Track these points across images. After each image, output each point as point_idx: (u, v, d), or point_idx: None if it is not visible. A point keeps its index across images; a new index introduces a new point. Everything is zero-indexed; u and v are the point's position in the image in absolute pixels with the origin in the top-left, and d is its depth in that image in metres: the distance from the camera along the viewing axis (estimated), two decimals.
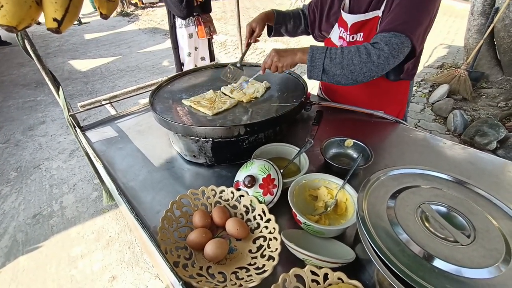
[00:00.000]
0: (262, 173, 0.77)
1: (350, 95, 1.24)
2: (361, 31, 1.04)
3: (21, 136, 3.20)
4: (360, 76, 0.88)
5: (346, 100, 1.26)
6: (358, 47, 0.87)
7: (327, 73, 0.89)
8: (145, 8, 10.43)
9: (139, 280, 1.69)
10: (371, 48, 0.86)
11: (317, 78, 0.92)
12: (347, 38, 1.08)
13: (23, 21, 0.64)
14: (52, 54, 5.95)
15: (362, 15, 1.00)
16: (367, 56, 0.85)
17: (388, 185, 0.61)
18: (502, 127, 2.43)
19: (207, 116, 0.99)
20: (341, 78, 0.89)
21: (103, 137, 1.21)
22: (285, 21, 1.27)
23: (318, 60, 0.89)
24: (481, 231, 0.49)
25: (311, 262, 0.57)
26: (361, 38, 1.05)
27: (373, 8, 0.98)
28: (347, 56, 0.87)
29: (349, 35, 1.07)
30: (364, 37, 1.04)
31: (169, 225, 0.70)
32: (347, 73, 0.88)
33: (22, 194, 2.38)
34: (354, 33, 1.05)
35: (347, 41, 1.09)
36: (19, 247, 1.93)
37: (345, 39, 1.09)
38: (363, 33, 1.03)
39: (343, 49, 0.88)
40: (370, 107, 1.20)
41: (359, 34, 1.05)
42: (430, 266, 0.45)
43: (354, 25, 1.04)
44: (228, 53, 5.33)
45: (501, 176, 0.87)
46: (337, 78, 0.90)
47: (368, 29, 1.02)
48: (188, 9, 2.34)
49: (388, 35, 0.85)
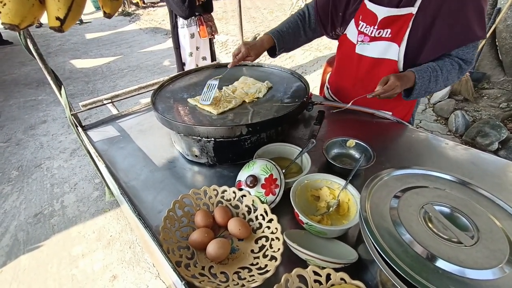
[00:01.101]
0: (264, 173, 0.77)
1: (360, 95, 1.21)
2: (390, 27, 0.98)
3: (23, 135, 3.20)
4: (449, 86, 1.01)
5: (356, 101, 1.22)
6: (453, 64, 0.97)
7: (429, 92, 1.02)
8: (146, 7, 10.44)
9: (140, 279, 1.69)
10: (464, 66, 0.98)
11: (420, 97, 1.05)
12: (373, 33, 1.02)
13: (26, 19, 0.64)
14: (53, 54, 5.96)
15: (396, 9, 0.94)
16: (460, 72, 0.99)
17: (391, 186, 0.60)
18: (503, 128, 2.43)
19: (212, 115, 0.99)
20: (436, 91, 1.03)
21: (104, 137, 1.21)
22: (285, 42, 1.21)
23: (425, 86, 0.98)
24: (484, 232, 0.49)
25: (314, 263, 0.57)
26: (388, 35, 0.99)
27: (406, 4, 0.93)
28: (445, 74, 0.97)
29: (375, 30, 1.00)
30: (392, 33, 0.98)
31: (171, 224, 0.70)
32: (442, 86, 1.01)
33: (23, 193, 2.38)
34: (382, 28, 0.99)
35: (370, 36, 1.03)
36: (20, 246, 1.93)
37: (368, 34, 1.03)
38: (391, 29, 0.98)
39: (442, 68, 0.97)
40: (380, 107, 1.19)
41: (387, 30, 0.99)
42: (433, 267, 0.45)
43: (384, 20, 0.97)
44: (229, 53, 5.33)
45: (503, 176, 0.87)
46: (433, 92, 1.04)
47: (398, 26, 0.96)
48: (190, 9, 2.34)
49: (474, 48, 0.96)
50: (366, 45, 1.06)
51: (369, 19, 1.01)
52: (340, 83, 1.31)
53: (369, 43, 1.05)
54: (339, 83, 1.31)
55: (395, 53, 1.01)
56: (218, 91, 1.12)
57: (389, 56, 1.03)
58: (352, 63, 1.15)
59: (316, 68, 4.41)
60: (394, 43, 0.99)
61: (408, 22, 0.94)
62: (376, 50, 1.04)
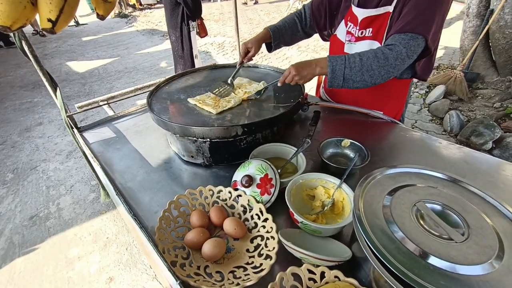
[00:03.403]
0: (259, 173, 0.77)
1: (351, 94, 1.24)
2: (371, 26, 1.03)
3: (18, 137, 3.18)
4: (378, 79, 0.92)
5: (346, 100, 1.26)
6: (376, 51, 0.90)
7: (347, 81, 0.92)
8: (143, 9, 10.43)
9: (137, 281, 1.68)
10: (388, 52, 0.89)
11: (337, 87, 0.94)
12: (356, 33, 1.07)
13: (18, 21, 0.64)
14: (49, 56, 5.93)
15: (374, 10, 1.00)
16: (385, 60, 0.88)
17: (384, 184, 0.61)
18: (497, 127, 2.45)
19: (211, 115, 0.99)
20: (361, 83, 0.92)
21: (100, 138, 1.20)
22: (282, 35, 1.27)
23: (339, 71, 0.91)
24: (475, 229, 0.50)
25: (308, 261, 0.58)
26: (370, 34, 1.04)
27: (384, 4, 0.98)
28: (366, 62, 0.89)
29: (358, 30, 1.06)
30: (373, 32, 1.03)
31: (167, 225, 0.70)
32: (367, 78, 0.91)
33: (19, 195, 2.36)
34: (364, 28, 1.05)
35: (355, 36, 1.08)
36: (15, 249, 1.91)
37: (354, 34, 1.08)
38: (372, 28, 1.03)
39: (361, 55, 0.91)
40: (370, 106, 1.20)
41: (368, 29, 1.04)
42: (425, 263, 0.45)
43: (364, 20, 1.03)
44: (226, 54, 5.34)
45: (496, 175, 0.88)
46: (357, 85, 0.93)
47: (377, 25, 1.01)
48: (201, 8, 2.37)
49: (406, 37, 0.88)
50: (353, 45, 1.10)
51: (354, 20, 1.07)
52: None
53: (355, 43, 1.09)
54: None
55: None
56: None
57: None
58: None
59: None
60: (376, 41, 1.03)
61: (386, 20, 0.98)
62: (361, 49, 1.05)
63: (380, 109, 1.21)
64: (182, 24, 2.49)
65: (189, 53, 2.64)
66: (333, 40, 1.22)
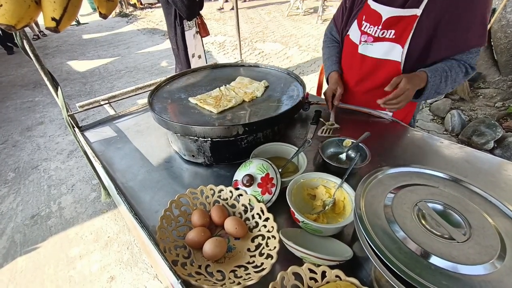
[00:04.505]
0: (260, 172, 0.77)
1: (363, 97, 1.21)
2: (394, 27, 0.98)
3: (19, 137, 3.19)
4: (454, 88, 1.01)
5: (359, 102, 1.23)
6: (460, 66, 0.96)
7: (438, 93, 1.00)
8: (144, 9, 10.43)
9: (138, 280, 1.68)
10: (470, 71, 0.97)
11: (429, 99, 1.05)
12: (376, 33, 1.01)
13: (22, 20, 0.64)
14: (50, 55, 5.93)
15: (401, 10, 0.94)
16: (465, 76, 0.98)
17: (385, 184, 0.61)
18: (499, 127, 2.45)
19: (212, 114, 0.99)
20: (444, 92, 1.01)
21: (102, 137, 1.21)
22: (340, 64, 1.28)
23: (435, 86, 0.96)
24: (476, 229, 0.50)
25: (309, 260, 0.58)
26: (392, 36, 0.99)
27: (412, 5, 0.93)
28: (454, 76, 0.96)
29: (379, 30, 1.00)
30: (396, 34, 0.98)
31: (168, 224, 0.70)
32: (449, 88, 1.00)
33: (20, 195, 2.37)
34: (386, 28, 0.99)
35: (373, 36, 1.03)
36: (17, 248, 1.92)
37: (372, 34, 1.03)
38: (395, 30, 0.97)
39: (451, 69, 0.95)
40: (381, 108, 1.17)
41: (390, 30, 0.99)
42: (426, 263, 0.45)
43: (388, 20, 0.97)
44: (227, 54, 5.33)
45: (497, 174, 0.88)
46: (441, 93, 1.01)
47: (401, 27, 0.96)
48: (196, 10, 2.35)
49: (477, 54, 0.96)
50: (369, 45, 1.06)
51: (373, 19, 1.01)
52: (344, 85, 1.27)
53: (372, 44, 1.05)
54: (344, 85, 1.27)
55: (398, 54, 1.00)
56: (219, 90, 1.13)
57: (392, 57, 1.02)
58: (354, 63, 1.15)
59: (314, 69, 4.43)
60: (398, 44, 0.99)
61: (413, 24, 0.94)
62: (379, 51, 1.04)
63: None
64: (175, 23, 2.48)
65: (184, 53, 2.63)
66: (346, 41, 1.19)
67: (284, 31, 6.47)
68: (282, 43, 5.72)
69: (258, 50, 5.42)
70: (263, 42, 5.84)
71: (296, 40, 5.74)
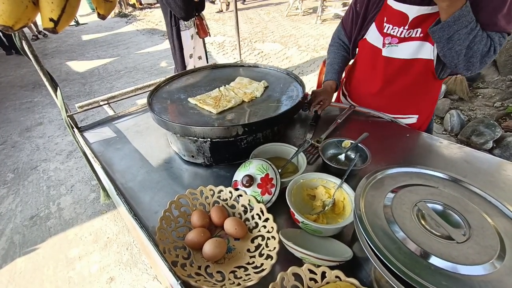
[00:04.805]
0: (260, 173, 0.77)
1: (389, 100, 1.17)
2: (420, 26, 0.94)
3: (18, 137, 3.18)
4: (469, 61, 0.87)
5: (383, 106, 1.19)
6: (488, 36, 0.84)
7: (450, 41, 0.85)
8: (143, 9, 10.42)
9: (137, 281, 1.68)
10: (492, 51, 0.85)
11: (437, 39, 0.88)
12: (402, 33, 0.98)
13: (20, 21, 0.64)
14: (50, 55, 5.92)
15: (428, 7, 0.91)
16: (487, 52, 0.85)
17: (385, 184, 0.61)
18: (498, 126, 2.45)
19: (211, 114, 0.99)
20: (454, 54, 0.88)
21: (101, 138, 1.20)
22: (341, 74, 1.27)
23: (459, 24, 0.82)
24: (476, 229, 0.50)
25: (309, 261, 0.58)
26: (419, 34, 0.96)
27: None
28: (477, 39, 0.83)
29: (406, 30, 0.97)
30: (424, 32, 0.95)
31: (168, 225, 0.70)
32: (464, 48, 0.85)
33: (19, 195, 2.37)
34: (413, 27, 0.96)
35: (399, 37, 1.00)
36: (16, 249, 1.92)
37: (397, 35, 1.00)
38: (422, 28, 0.94)
39: (478, 30, 0.83)
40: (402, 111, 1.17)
41: (416, 29, 0.95)
42: (426, 264, 0.45)
43: (416, 19, 0.94)
44: (226, 54, 5.33)
45: (497, 174, 0.88)
46: (451, 51, 0.88)
47: (429, 25, 0.91)
48: (192, 11, 2.34)
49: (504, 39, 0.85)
50: (394, 47, 1.03)
51: (398, 20, 0.98)
52: (363, 89, 1.26)
53: (398, 45, 1.02)
54: (362, 89, 1.26)
55: (429, 52, 0.98)
56: (218, 91, 1.13)
57: (422, 56, 0.99)
58: (378, 66, 1.11)
59: (313, 69, 4.43)
60: (427, 42, 0.96)
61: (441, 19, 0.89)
62: (406, 51, 1.01)
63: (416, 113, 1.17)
64: (171, 23, 2.48)
65: (179, 53, 2.63)
66: (362, 46, 1.16)
67: (284, 31, 6.48)
68: (281, 43, 5.72)
69: (258, 50, 5.42)
70: (262, 42, 5.84)
71: (295, 40, 5.74)
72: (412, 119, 1.18)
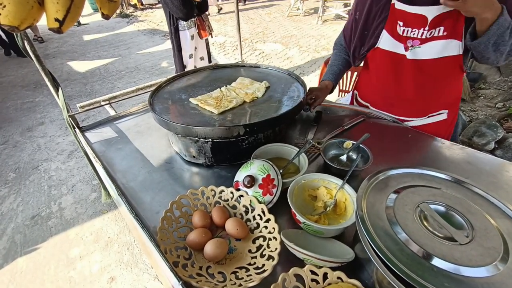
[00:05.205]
0: (261, 173, 0.77)
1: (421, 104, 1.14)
2: (442, 24, 0.93)
3: (20, 137, 3.19)
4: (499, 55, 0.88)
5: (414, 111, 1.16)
6: None
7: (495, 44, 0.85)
8: (144, 9, 10.44)
9: (138, 281, 1.68)
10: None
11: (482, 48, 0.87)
12: (423, 35, 0.97)
13: (25, 21, 0.64)
14: (51, 55, 5.94)
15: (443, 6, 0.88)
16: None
17: (387, 185, 0.61)
18: (500, 127, 2.44)
19: (213, 115, 0.99)
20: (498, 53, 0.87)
21: (102, 138, 1.21)
22: (340, 77, 1.29)
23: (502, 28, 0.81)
24: (479, 230, 0.50)
25: (311, 262, 0.57)
26: (443, 33, 0.94)
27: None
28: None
29: (426, 31, 0.96)
30: (447, 30, 0.93)
31: (169, 225, 0.70)
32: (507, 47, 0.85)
33: (21, 195, 2.37)
34: (434, 27, 0.94)
35: (420, 39, 0.98)
36: (17, 249, 1.92)
37: (418, 37, 0.98)
38: (444, 26, 0.93)
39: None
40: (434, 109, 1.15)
41: (438, 28, 0.94)
42: (428, 265, 0.45)
43: (436, 18, 0.92)
44: (227, 54, 5.34)
45: (499, 175, 0.87)
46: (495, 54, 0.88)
47: (451, 22, 0.91)
48: (190, 11, 2.33)
49: None
50: (417, 49, 1.00)
51: (416, 22, 0.97)
52: (388, 97, 1.20)
53: (420, 46, 0.99)
54: (387, 99, 1.21)
55: (457, 48, 0.96)
56: (220, 91, 1.13)
57: (450, 53, 0.97)
58: (404, 72, 1.07)
59: (314, 69, 4.43)
60: (454, 39, 0.94)
61: (463, 15, 0.89)
62: (432, 51, 0.99)
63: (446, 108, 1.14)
64: (170, 23, 2.48)
65: (178, 53, 2.63)
66: (377, 54, 1.11)
67: (285, 31, 6.48)
68: (282, 43, 5.72)
69: (259, 51, 5.42)
70: (263, 42, 5.84)
71: (296, 41, 5.74)
72: (443, 115, 1.15)
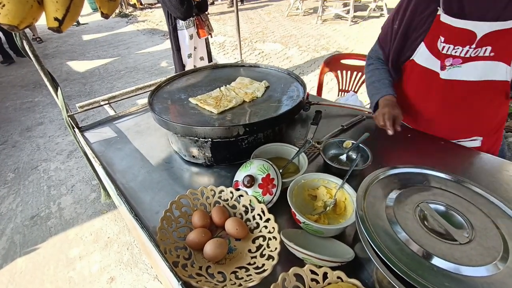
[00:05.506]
0: (261, 173, 0.77)
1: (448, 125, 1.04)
2: (490, 44, 0.83)
3: (19, 137, 3.18)
4: None
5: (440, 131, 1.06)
6: None
7: None
8: (144, 9, 10.42)
9: (138, 281, 1.68)
10: None
11: None
12: (468, 53, 0.86)
13: (25, 20, 0.64)
14: (50, 55, 5.93)
15: (500, 23, 0.80)
16: None
17: (387, 185, 0.61)
18: None
19: (212, 114, 0.99)
20: None
21: (101, 138, 1.20)
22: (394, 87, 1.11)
23: None
24: (479, 230, 0.50)
25: (311, 261, 0.57)
26: (490, 53, 0.84)
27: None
28: None
29: (472, 50, 0.85)
30: (496, 51, 0.83)
31: (168, 225, 0.70)
32: None
33: (20, 195, 2.37)
34: (481, 46, 0.85)
35: (463, 57, 0.88)
36: (16, 249, 1.92)
37: (461, 55, 0.88)
38: (493, 46, 0.83)
39: None
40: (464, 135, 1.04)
41: (485, 48, 0.84)
42: (428, 265, 0.45)
43: (486, 36, 0.83)
44: (227, 54, 5.33)
45: (499, 175, 0.87)
46: None
47: (502, 43, 0.82)
48: (188, 10, 2.33)
49: None
50: (457, 68, 0.90)
51: (462, 39, 0.87)
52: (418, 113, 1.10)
53: (461, 65, 0.89)
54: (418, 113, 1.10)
55: (504, 73, 0.86)
56: (219, 91, 1.13)
57: (495, 77, 0.88)
58: (434, 91, 0.99)
59: (314, 69, 4.43)
60: (501, 62, 0.85)
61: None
62: (473, 72, 0.89)
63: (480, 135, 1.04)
64: (169, 22, 2.48)
65: (176, 52, 2.63)
66: (411, 68, 1.03)
67: (284, 31, 6.47)
68: (282, 43, 5.72)
69: (258, 50, 5.42)
70: (263, 42, 5.84)
71: (296, 41, 5.74)
72: (475, 142, 1.04)
